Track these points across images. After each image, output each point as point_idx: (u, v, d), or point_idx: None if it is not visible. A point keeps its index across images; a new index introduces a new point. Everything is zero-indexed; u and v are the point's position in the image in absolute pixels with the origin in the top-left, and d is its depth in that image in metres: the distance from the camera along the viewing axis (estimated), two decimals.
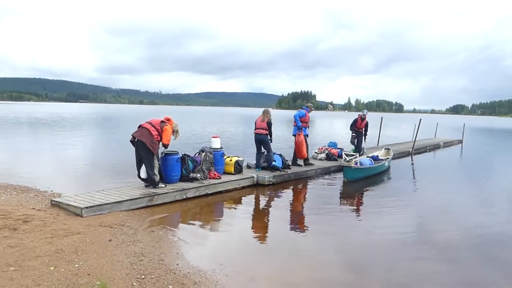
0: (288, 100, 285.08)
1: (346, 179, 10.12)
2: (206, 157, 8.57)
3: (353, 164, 10.42)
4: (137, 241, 5.22)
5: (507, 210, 8.20)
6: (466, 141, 25.02)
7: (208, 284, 4.11)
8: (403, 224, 6.83)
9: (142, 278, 4.10)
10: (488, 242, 5.98)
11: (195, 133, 26.07)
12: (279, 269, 4.72)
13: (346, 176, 10.12)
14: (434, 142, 21.48)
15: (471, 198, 9.35)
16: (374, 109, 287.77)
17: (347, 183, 10.02)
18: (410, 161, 15.44)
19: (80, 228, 5.48)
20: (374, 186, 10.22)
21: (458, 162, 16.88)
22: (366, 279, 4.57)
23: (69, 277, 3.97)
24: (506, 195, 9.70)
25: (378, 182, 10.68)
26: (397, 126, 50.82)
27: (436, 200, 8.92)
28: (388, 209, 7.81)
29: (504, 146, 26.38)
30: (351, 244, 5.78)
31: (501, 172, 13.68)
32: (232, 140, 21.93)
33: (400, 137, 25.02)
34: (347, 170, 10.10)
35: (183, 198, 7.61)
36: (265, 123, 9.83)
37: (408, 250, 5.52)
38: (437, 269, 4.89)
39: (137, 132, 7.44)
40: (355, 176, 10.30)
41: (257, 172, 9.72)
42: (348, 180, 10.12)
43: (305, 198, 8.85)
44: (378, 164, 11.49)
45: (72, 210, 6.22)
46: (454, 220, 7.22)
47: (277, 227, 6.51)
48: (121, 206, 6.59)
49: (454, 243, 5.88)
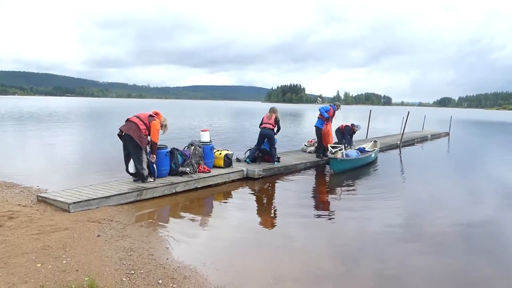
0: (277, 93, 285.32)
1: (333, 171, 10.32)
2: (195, 150, 8.51)
3: (339, 156, 10.58)
4: (126, 236, 5.16)
5: (494, 201, 8.33)
6: (453, 134, 25.35)
7: (198, 278, 4.09)
8: (392, 216, 6.89)
9: (131, 274, 4.06)
10: (476, 233, 6.07)
11: (184, 127, 25.91)
12: (269, 262, 4.72)
13: (333, 167, 10.32)
14: (422, 135, 21.71)
15: (459, 190, 9.48)
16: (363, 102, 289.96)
17: (334, 175, 10.20)
18: (398, 154, 15.58)
19: (68, 224, 5.40)
20: (363, 178, 10.29)
21: (445, 154, 17.10)
22: (356, 270, 4.60)
23: (57, 273, 3.91)
24: (493, 186, 9.87)
25: (367, 174, 10.76)
26: (386, 119, 51.24)
27: (424, 191, 9.03)
28: (378, 201, 7.87)
29: (490, 138, 26.79)
30: (341, 236, 5.81)
31: (487, 164, 13.90)
32: (221, 134, 21.86)
33: (389, 130, 25.22)
34: (333, 162, 10.29)
35: (173, 192, 7.55)
36: (272, 120, 10.12)
37: (398, 242, 5.57)
38: (426, 260, 4.95)
39: (124, 126, 7.34)
40: (341, 167, 10.47)
41: (247, 165, 9.71)
42: (334, 172, 10.30)
43: (295, 191, 8.86)
44: (364, 156, 11.66)
45: (59, 205, 6.12)
46: (443, 211, 7.31)
47: (267, 220, 6.51)
48: (110, 201, 6.51)
49: (443, 234, 5.96)
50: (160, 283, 3.90)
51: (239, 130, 25.13)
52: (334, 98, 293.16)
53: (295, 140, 18.31)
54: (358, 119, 14.44)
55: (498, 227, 6.41)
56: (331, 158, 10.40)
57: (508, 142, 23.71)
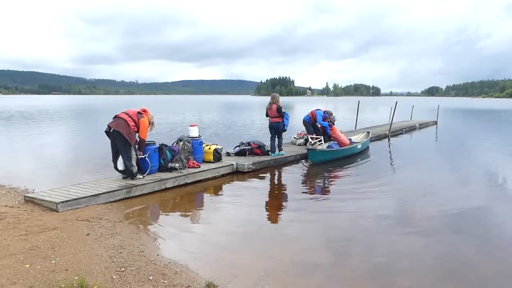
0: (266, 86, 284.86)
1: (312, 162, 10.56)
2: (184, 146, 8.48)
3: (317, 147, 10.93)
4: (116, 234, 5.14)
5: (481, 188, 8.47)
6: (440, 122, 25.62)
7: (189, 273, 4.10)
8: (382, 204, 6.97)
9: (122, 271, 4.05)
10: (464, 219, 6.18)
11: (172, 122, 25.76)
12: (260, 254, 4.74)
13: (311, 158, 10.58)
14: (410, 124, 21.90)
15: (447, 177, 9.59)
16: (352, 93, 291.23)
17: (313, 166, 10.43)
18: (387, 143, 15.72)
19: (56, 224, 5.36)
20: (352, 168, 10.37)
21: (433, 143, 17.29)
22: (346, 259, 4.65)
23: (46, 273, 3.88)
24: (480, 173, 10.01)
25: (357, 165, 10.84)
26: (374, 109, 51.58)
27: (413, 180, 9.13)
28: (368, 190, 7.94)
29: (476, 126, 27.14)
30: (332, 226, 5.85)
31: (474, 151, 14.09)
32: (210, 128, 21.80)
33: (377, 120, 25.42)
34: (311, 153, 10.54)
35: (162, 189, 7.53)
36: (274, 110, 10.34)
37: (387, 230, 5.64)
38: (414, 247, 5.02)
39: (113, 123, 7.27)
40: (320, 158, 10.69)
41: (237, 159, 9.71)
42: (313, 163, 10.54)
43: (285, 184, 8.90)
44: (346, 147, 11.77)
45: (47, 205, 6.06)
46: (431, 199, 7.41)
47: (257, 213, 6.52)
48: (99, 199, 6.46)
49: (431, 221, 6.05)
50: (151, 279, 3.90)
51: (228, 125, 25.08)
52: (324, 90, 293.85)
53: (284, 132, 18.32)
54: (347, 110, 14.51)
55: (484, 214, 6.52)
56: (309, 149, 10.65)
57: (493, 129, 24.05)
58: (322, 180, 9.31)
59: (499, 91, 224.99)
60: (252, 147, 10.48)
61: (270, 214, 6.61)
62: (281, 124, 10.47)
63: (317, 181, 9.20)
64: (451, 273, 4.32)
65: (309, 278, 4.12)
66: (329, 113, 12.61)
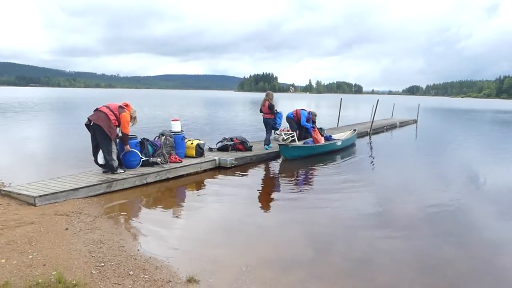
0: (250, 82, 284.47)
1: (284, 157, 10.65)
2: (166, 140, 8.40)
3: (289, 142, 11.04)
4: (96, 229, 5.07)
5: (458, 185, 8.68)
6: (420, 121, 26.11)
7: (170, 268, 4.08)
8: (363, 201, 7.07)
9: (101, 266, 4.00)
10: (442, 216, 6.33)
11: (154, 117, 25.47)
12: (242, 250, 4.76)
13: (283, 154, 10.65)
14: (391, 122, 22.24)
15: (426, 175, 9.80)
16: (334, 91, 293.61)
17: (290, 161, 10.50)
18: (369, 141, 15.93)
19: (34, 218, 5.24)
20: (334, 165, 10.47)
21: (413, 141, 17.63)
22: (327, 255, 4.71)
23: (23, 268, 3.80)
24: (458, 171, 10.27)
25: (338, 161, 10.96)
26: (356, 107, 52.12)
27: (394, 177, 9.30)
28: (349, 187, 8.04)
29: (454, 125, 27.77)
30: (313, 222, 5.91)
31: (452, 149, 14.43)
32: (193, 123, 21.66)
33: (359, 118, 25.72)
34: (283, 148, 10.59)
35: (144, 183, 7.45)
36: (266, 106, 10.80)
37: (367, 226, 5.73)
38: (394, 243, 5.12)
39: (93, 116, 7.14)
40: (292, 154, 10.73)
41: (219, 154, 9.69)
42: (286, 158, 10.62)
43: (267, 180, 8.93)
44: (322, 144, 11.88)
45: (24, 199, 5.92)
46: (411, 196, 7.57)
47: (239, 209, 6.53)
48: (78, 193, 6.35)
49: (410, 218, 6.18)
50: (131, 274, 3.86)
51: (211, 120, 24.96)
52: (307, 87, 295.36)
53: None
54: (329, 108, 14.65)
55: (462, 211, 6.70)
56: (281, 145, 10.67)
57: (471, 128, 24.67)
58: (304, 176, 9.38)
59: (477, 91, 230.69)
60: (234, 142, 10.47)
61: (252, 210, 6.62)
62: (272, 121, 11.00)
63: (298, 177, 9.26)
64: (428, 269, 4.42)
65: (290, 274, 4.16)
66: (313, 114, 12.78)
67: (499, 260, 4.74)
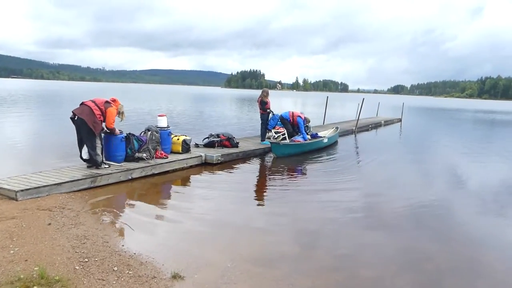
0: (237, 79, 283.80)
1: (275, 155, 10.72)
2: (152, 136, 8.33)
3: (280, 140, 11.19)
4: (80, 224, 5.01)
5: (441, 183, 8.87)
6: (405, 120, 26.48)
7: (155, 264, 4.06)
8: (348, 198, 7.16)
9: (85, 261, 3.95)
10: (424, 212, 6.46)
11: (140, 112, 25.21)
12: (228, 246, 4.76)
13: (275, 152, 10.74)
14: (376, 121, 22.51)
15: (410, 172, 9.97)
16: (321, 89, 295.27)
17: (280, 159, 10.56)
18: (354, 139, 16.10)
19: (15, 213, 5.15)
20: (319, 162, 10.56)
21: (398, 139, 17.89)
22: (312, 252, 4.75)
23: (3, 264, 3.73)
24: (441, 168, 10.48)
25: (324, 159, 11.05)
26: (342, 105, 52.50)
27: (378, 174, 9.43)
28: (334, 184, 8.13)
29: (437, 124, 28.25)
30: (298, 218, 5.95)
31: (435, 148, 14.69)
32: (179, 119, 21.52)
33: (345, 116, 25.94)
34: (274, 146, 10.71)
35: (129, 179, 7.38)
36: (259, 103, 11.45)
37: (353, 223, 5.80)
38: (378, 239, 5.21)
39: (78, 109, 7.03)
40: (283, 152, 10.85)
41: (206, 150, 9.67)
42: (277, 156, 10.69)
43: (253, 176, 8.94)
44: (311, 141, 12.03)
45: (5, 193, 5.80)
46: (395, 193, 7.70)
47: (225, 205, 6.53)
48: (61, 188, 6.26)
49: (394, 215, 6.29)
50: (115, 270, 3.83)
51: (197, 116, 24.84)
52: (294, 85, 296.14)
53: (253, 125, 18.39)
54: (316, 105, 14.75)
55: (444, 208, 6.83)
56: (272, 142, 10.86)
57: (453, 126, 25.15)
58: (290, 173, 9.42)
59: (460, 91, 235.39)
60: (221, 139, 10.45)
61: (238, 206, 6.63)
62: (265, 116, 11.61)
63: (284, 174, 9.30)
64: (411, 264, 4.52)
65: (275, 269, 4.19)
66: (307, 120, 12.83)
67: (479, 255, 4.88)
